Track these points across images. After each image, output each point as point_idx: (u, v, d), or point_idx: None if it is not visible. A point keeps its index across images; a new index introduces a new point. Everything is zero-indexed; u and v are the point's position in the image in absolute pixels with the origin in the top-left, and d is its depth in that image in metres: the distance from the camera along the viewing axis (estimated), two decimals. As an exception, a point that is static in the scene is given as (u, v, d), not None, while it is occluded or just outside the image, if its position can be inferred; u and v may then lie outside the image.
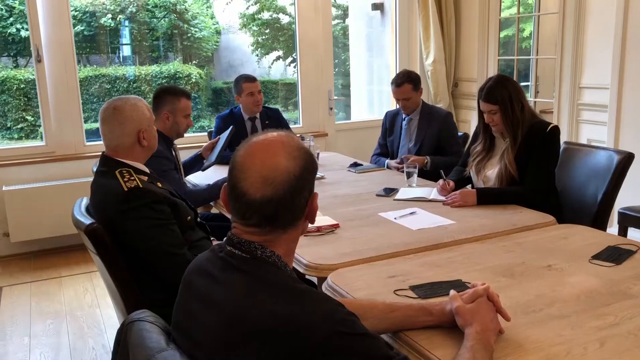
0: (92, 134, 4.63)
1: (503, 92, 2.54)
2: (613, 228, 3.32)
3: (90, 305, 3.39)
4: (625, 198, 3.10)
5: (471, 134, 3.05)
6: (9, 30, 6.57)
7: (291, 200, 1.09)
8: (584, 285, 1.59)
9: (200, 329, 1.08)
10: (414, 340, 1.30)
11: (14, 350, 2.90)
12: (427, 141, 3.56)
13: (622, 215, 3.11)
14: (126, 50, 7.90)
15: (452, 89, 5.29)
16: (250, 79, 3.69)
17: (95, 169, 2.04)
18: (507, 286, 1.60)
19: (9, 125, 6.66)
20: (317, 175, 2.32)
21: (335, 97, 5.22)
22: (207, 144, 3.26)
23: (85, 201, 2.04)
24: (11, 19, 6.56)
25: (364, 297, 1.53)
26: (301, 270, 1.85)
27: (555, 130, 2.56)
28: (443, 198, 2.59)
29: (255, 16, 8.52)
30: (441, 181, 2.72)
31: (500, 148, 2.65)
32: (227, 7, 8.36)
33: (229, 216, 1.24)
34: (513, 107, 2.54)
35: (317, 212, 1.19)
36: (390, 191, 2.78)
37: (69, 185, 4.12)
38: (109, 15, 7.19)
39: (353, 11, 6.91)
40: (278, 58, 8.75)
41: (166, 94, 2.84)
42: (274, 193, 1.07)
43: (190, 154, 3.30)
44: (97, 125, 2.03)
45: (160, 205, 1.90)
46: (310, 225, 1.26)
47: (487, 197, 2.51)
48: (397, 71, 5.31)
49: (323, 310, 1.02)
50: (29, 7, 4.02)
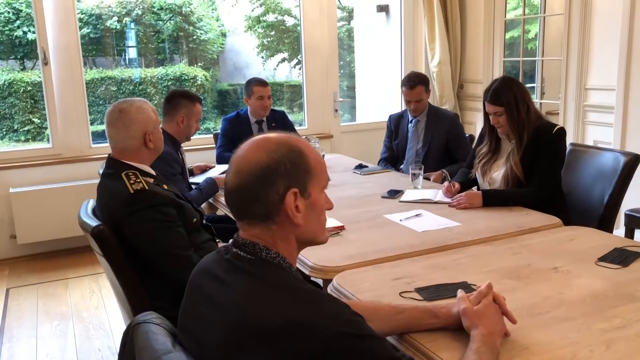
0: (98, 136, 4.64)
1: (509, 93, 2.53)
2: (619, 230, 3.30)
3: (97, 307, 3.41)
4: (632, 200, 3.08)
5: (477, 135, 3.04)
6: (16, 33, 6.61)
7: (256, 191, 1.09)
8: (591, 287, 1.59)
9: (207, 331, 1.08)
10: (419, 343, 1.30)
11: (20, 351, 2.91)
12: (435, 143, 3.55)
13: (628, 217, 3.10)
14: (132, 53, 7.93)
15: (458, 90, 5.27)
16: (262, 82, 3.71)
17: (101, 171, 2.05)
18: (513, 288, 1.60)
19: (15, 128, 6.70)
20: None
21: (341, 99, 5.22)
22: (202, 165, 3.50)
23: (91, 203, 2.06)
24: (18, 22, 6.60)
25: (370, 299, 1.53)
26: (307, 273, 1.85)
27: (561, 131, 2.56)
28: (449, 200, 2.59)
29: (261, 18, 8.54)
30: (446, 183, 2.72)
31: (506, 150, 2.65)
32: (232, 10, 8.38)
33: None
34: (519, 108, 2.53)
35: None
36: (396, 193, 2.78)
37: (76, 187, 4.14)
38: (115, 18, 7.22)
39: (358, 13, 6.92)
40: (283, 60, 8.76)
41: (182, 98, 2.95)
42: (240, 182, 1.10)
43: (195, 157, 3.35)
44: (103, 127, 2.04)
45: (166, 207, 1.90)
46: None
47: (493, 199, 2.50)
48: (403, 73, 5.34)
49: (329, 310, 1.02)
50: (35, 10, 4.05)
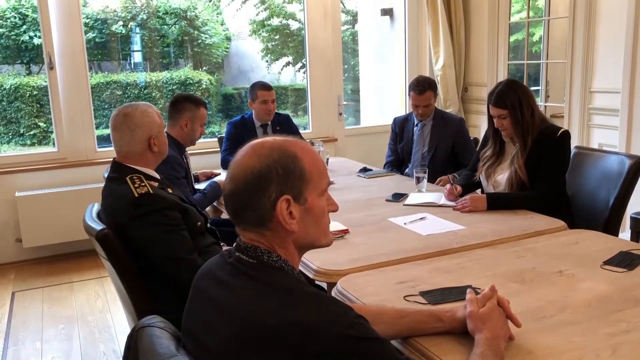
0: (103, 140, 4.66)
1: (513, 96, 2.53)
2: (625, 233, 3.28)
3: (102, 310, 3.41)
4: (638, 203, 3.07)
5: (481, 138, 3.04)
6: (22, 38, 6.66)
7: (249, 197, 1.09)
8: (596, 291, 1.58)
9: (210, 335, 1.08)
10: (423, 346, 1.29)
11: (26, 355, 2.92)
12: (441, 147, 3.55)
13: (634, 220, 3.08)
14: (137, 57, 7.97)
15: (462, 93, 5.27)
16: (266, 87, 3.71)
17: (106, 175, 2.06)
18: (517, 292, 1.59)
19: (21, 132, 6.74)
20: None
21: (345, 103, 5.23)
22: (207, 172, 3.52)
23: (96, 207, 2.06)
24: (24, 27, 6.65)
25: (374, 302, 1.53)
26: (311, 276, 1.85)
27: (566, 135, 2.55)
28: (453, 203, 2.58)
29: (265, 22, 8.56)
30: (448, 186, 2.72)
31: (510, 153, 2.64)
32: (237, 14, 8.41)
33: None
34: (523, 111, 2.52)
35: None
36: (400, 196, 2.78)
37: (81, 191, 4.15)
38: (120, 23, 7.26)
39: (362, 17, 6.92)
40: (288, 64, 8.79)
41: (187, 102, 2.96)
42: (233, 188, 1.11)
43: (200, 160, 3.35)
44: (109, 131, 2.05)
45: (170, 211, 1.91)
46: None
47: (497, 202, 2.49)
48: (407, 76, 5.34)
49: (332, 313, 1.02)
50: (41, 15, 4.08)
